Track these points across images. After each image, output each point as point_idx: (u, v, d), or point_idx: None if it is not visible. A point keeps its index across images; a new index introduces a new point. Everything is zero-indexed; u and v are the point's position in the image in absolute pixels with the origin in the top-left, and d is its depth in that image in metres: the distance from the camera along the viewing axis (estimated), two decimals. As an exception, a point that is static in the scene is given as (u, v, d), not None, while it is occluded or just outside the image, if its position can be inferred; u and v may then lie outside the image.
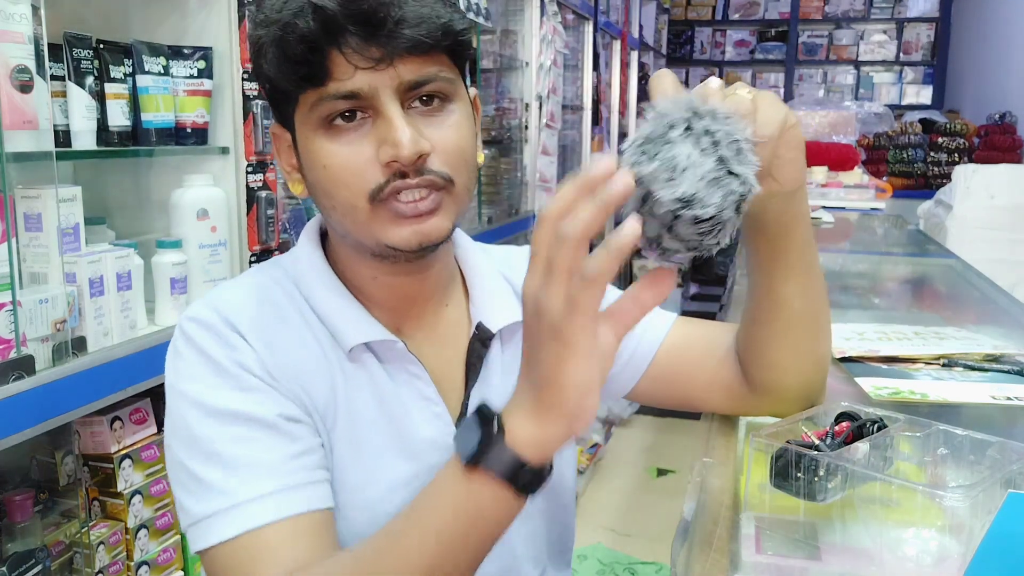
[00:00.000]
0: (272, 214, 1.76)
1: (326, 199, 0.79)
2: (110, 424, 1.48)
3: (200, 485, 0.75)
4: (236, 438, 0.75)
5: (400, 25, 0.73)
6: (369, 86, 0.74)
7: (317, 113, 0.76)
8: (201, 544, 0.75)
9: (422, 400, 0.85)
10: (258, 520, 0.73)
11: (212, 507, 0.74)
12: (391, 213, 0.77)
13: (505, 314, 0.91)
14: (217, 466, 0.75)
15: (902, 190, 4.32)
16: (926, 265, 2.35)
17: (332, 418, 0.82)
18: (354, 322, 0.84)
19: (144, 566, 1.53)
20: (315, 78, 0.74)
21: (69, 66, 1.42)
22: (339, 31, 0.73)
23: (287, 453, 0.76)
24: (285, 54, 0.74)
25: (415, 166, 0.76)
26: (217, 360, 0.78)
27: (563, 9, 3.93)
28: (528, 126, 3.59)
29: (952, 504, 0.66)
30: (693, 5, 7.62)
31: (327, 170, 0.77)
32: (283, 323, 0.83)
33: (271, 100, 0.82)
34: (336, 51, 0.74)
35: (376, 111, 0.76)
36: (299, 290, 0.86)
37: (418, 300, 0.88)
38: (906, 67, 7.08)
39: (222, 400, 0.76)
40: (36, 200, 1.28)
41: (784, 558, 0.72)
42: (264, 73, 0.79)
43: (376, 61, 0.74)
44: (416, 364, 0.85)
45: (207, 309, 0.81)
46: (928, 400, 1.07)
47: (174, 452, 0.78)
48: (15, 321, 1.20)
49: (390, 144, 0.75)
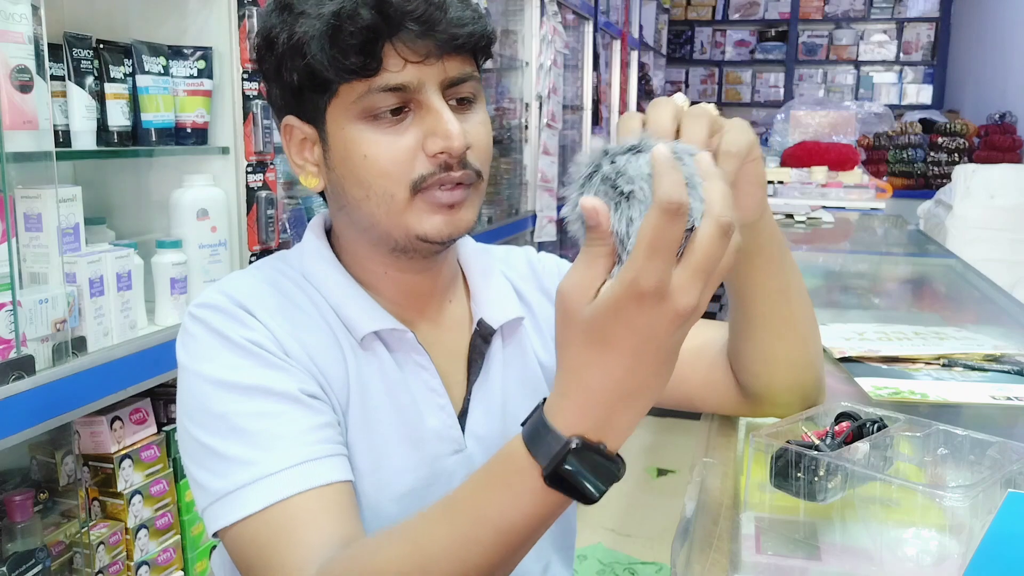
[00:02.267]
0: (272, 214, 1.76)
1: (359, 189, 0.80)
2: (110, 424, 1.48)
3: (222, 461, 0.74)
4: (258, 412, 0.75)
5: (451, 24, 0.77)
6: (418, 80, 0.77)
7: (361, 104, 0.78)
8: (224, 521, 0.73)
9: (428, 391, 0.87)
10: (287, 491, 0.72)
11: (237, 481, 0.73)
12: (428, 203, 0.80)
13: (506, 311, 0.93)
14: (240, 440, 0.74)
15: (902, 190, 4.33)
16: (926, 265, 2.35)
17: (345, 401, 0.82)
18: (367, 311, 0.85)
19: (144, 566, 1.53)
20: (368, 69, 0.76)
21: (69, 66, 1.42)
22: (399, 25, 0.75)
23: (311, 424, 0.76)
24: (339, 45, 0.75)
25: (460, 158, 0.79)
26: (233, 339, 0.78)
27: (563, 9, 3.93)
28: (528, 126, 3.59)
29: (952, 504, 0.66)
30: (693, 5, 7.62)
31: (368, 159, 0.79)
32: (295, 308, 0.84)
33: (296, 93, 0.81)
34: (390, 44, 0.76)
35: (420, 104, 0.78)
36: (309, 281, 0.87)
37: (424, 296, 0.90)
38: (906, 67, 7.08)
39: (242, 376, 0.76)
40: (36, 200, 1.28)
41: (784, 558, 0.72)
42: (297, 66, 0.79)
43: (425, 56, 0.77)
44: (423, 355, 0.87)
45: (217, 294, 0.82)
46: (928, 400, 1.07)
47: (191, 433, 0.77)
48: (15, 321, 1.20)
49: (440, 136, 0.78)
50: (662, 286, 0.55)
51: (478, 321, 0.91)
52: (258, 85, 1.71)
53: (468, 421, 0.89)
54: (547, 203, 3.73)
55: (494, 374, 0.91)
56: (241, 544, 0.73)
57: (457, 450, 0.87)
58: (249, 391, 0.76)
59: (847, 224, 3.15)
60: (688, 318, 0.56)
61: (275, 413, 0.75)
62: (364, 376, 0.84)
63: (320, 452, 0.75)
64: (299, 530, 0.71)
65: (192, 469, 0.78)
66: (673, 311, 0.56)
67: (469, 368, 0.90)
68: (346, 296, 0.85)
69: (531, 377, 0.95)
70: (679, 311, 0.56)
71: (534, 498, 0.61)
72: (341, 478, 0.75)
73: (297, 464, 0.73)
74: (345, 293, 0.86)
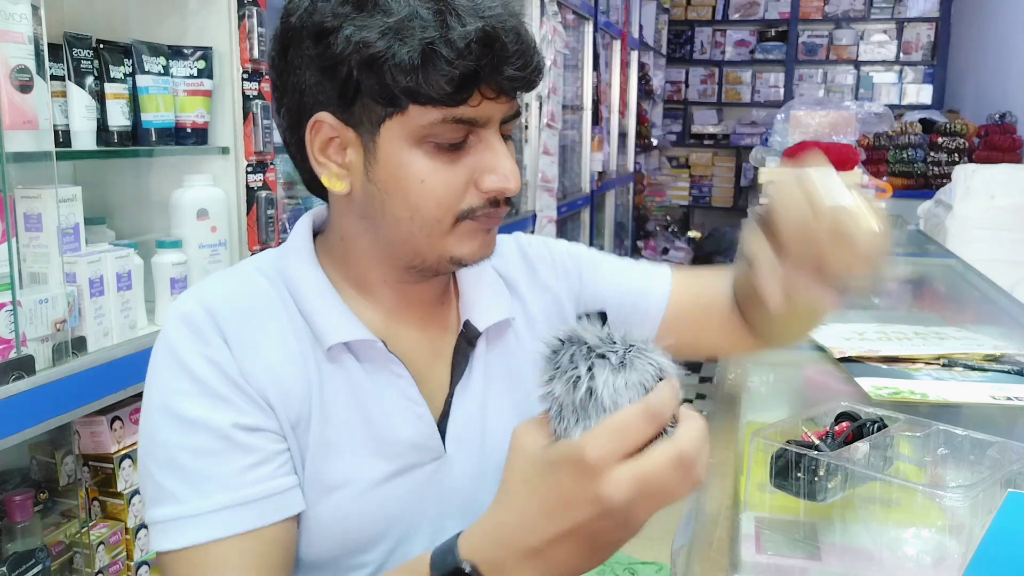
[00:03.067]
0: (272, 214, 1.76)
1: (405, 210, 0.79)
2: (110, 424, 1.48)
3: (158, 489, 0.77)
4: (194, 448, 0.76)
5: (535, 70, 0.78)
6: (487, 116, 0.78)
7: (429, 130, 0.76)
8: (156, 546, 0.77)
9: (404, 400, 0.85)
10: (206, 535, 0.74)
11: (166, 514, 0.76)
12: (470, 231, 0.81)
13: (493, 313, 0.92)
14: (173, 474, 0.76)
15: (902, 190, 4.32)
16: (926, 265, 2.35)
17: (307, 417, 0.82)
18: (336, 321, 0.83)
19: (144, 566, 1.53)
20: (454, 100, 0.74)
21: (69, 66, 1.42)
22: (501, 64, 0.74)
23: (240, 466, 0.77)
24: (435, 68, 0.72)
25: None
26: (188, 364, 0.78)
27: (563, 9, 3.93)
28: (528, 126, 3.59)
29: (952, 504, 0.66)
30: (693, 5, 7.62)
31: (424, 184, 0.78)
32: (266, 320, 0.83)
33: (351, 96, 0.77)
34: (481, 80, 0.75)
35: (480, 139, 0.79)
36: (286, 285, 0.86)
37: (418, 302, 0.89)
38: (906, 67, 7.08)
39: (186, 405, 0.77)
40: (36, 200, 1.28)
41: (784, 558, 0.72)
42: (365, 74, 0.74)
43: (499, 93, 0.77)
44: (398, 364, 0.85)
45: (194, 303, 0.82)
46: (928, 400, 1.07)
47: (142, 452, 0.80)
48: (15, 321, 1.20)
49: (499, 176, 0.78)
50: (601, 465, 0.59)
51: (464, 323, 0.91)
52: (257, 85, 1.71)
53: (449, 424, 0.87)
54: (547, 203, 3.73)
55: (477, 377, 0.91)
56: (168, 572, 0.77)
57: (435, 457, 0.86)
58: (189, 424, 0.77)
59: (847, 224, 3.14)
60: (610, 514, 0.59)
61: (210, 451, 0.76)
62: (329, 390, 0.83)
63: (248, 496, 0.76)
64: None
65: (140, 484, 0.81)
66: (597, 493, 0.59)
67: (452, 372, 0.89)
68: (319, 304, 0.84)
69: (516, 380, 0.93)
70: (603, 496, 0.59)
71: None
72: (270, 520, 0.76)
73: (222, 508, 0.75)
74: (319, 302, 0.84)
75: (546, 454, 0.62)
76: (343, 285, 0.87)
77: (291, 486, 0.79)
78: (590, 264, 1.04)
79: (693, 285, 1.04)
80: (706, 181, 7.76)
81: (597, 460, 0.58)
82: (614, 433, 0.59)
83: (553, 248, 1.03)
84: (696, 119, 7.75)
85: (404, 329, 0.88)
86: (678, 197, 7.69)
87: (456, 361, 0.90)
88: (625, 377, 0.61)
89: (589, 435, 0.59)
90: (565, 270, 1.02)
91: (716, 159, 7.71)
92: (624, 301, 1.02)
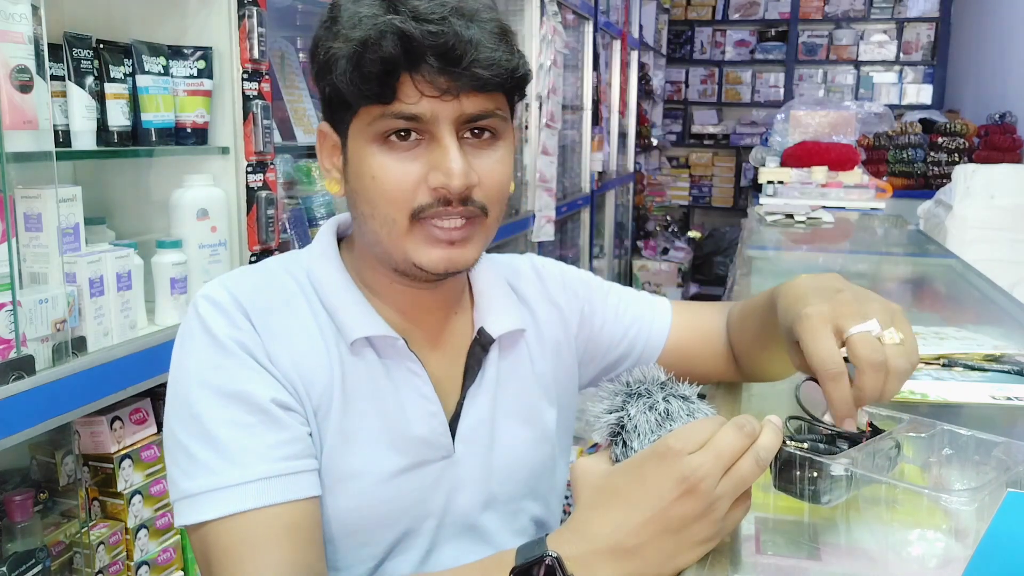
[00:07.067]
0: (272, 214, 1.76)
1: (367, 207, 0.83)
2: (110, 424, 1.47)
3: (192, 462, 0.78)
4: (231, 420, 0.78)
5: (474, 64, 0.77)
6: (432, 113, 0.78)
7: (375, 127, 0.80)
8: (187, 519, 0.77)
9: (419, 398, 0.88)
10: (244, 504, 0.75)
11: (202, 485, 0.76)
12: (426, 235, 0.82)
13: (506, 321, 0.95)
14: (210, 446, 0.77)
15: (902, 190, 4.32)
16: (926, 265, 2.35)
17: (327, 407, 0.84)
18: (359, 317, 0.86)
19: (144, 566, 1.53)
20: (383, 97, 0.78)
21: (69, 66, 1.42)
22: (418, 59, 0.76)
23: (278, 439, 0.79)
24: (359, 70, 0.77)
25: (460, 196, 0.80)
26: (220, 339, 0.80)
27: (563, 9, 3.93)
28: (528, 126, 3.59)
29: (958, 507, 0.66)
30: (693, 5, 7.62)
31: (375, 181, 0.81)
32: (291, 311, 0.86)
33: (329, 103, 0.84)
34: (408, 76, 0.77)
35: (432, 136, 0.80)
36: (311, 282, 0.89)
37: (427, 309, 0.92)
38: (906, 67, 7.08)
39: (222, 378, 0.79)
40: (36, 200, 1.28)
41: (784, 558, 0.72)
42: (329, 81, 0.81)
43: (443, 91, 0.78)
44: (415, 362, 0.88)
45: (221, 289, 0.84)
46: (928, 400, 1.07)
47: (171, 426, 0.81)
48: (15, 321, 1.19)
49: (443, 172, 0.79)
50: (683, 448, 0.65)
51: (479, 330, 0.94)
52: (257, 85, 1.71)
53: (459, 426, 0.90)
54: (546, 203, 3.72)
55: (488, 382, 0.93)
56: (202, 544, 0.77)
57: (445, 456, 0.89)
58: (226, 397, 0.78)
59: (847, 224, 3.15)
60: (693, 493, 0.64)
61: (246, 424, 0.78)
62: (350, 382, 0.85)
63: (282, 469, 0.78)
64: (252, 552, 0.74)
65: (167, 460, 0.82)
66: (681, 472, 0.64)
67: (465, 375, 0.92)
68: (343, 300, 0.87)
69: (526, 388, 0.97)
70: (686, 474, 0.64)
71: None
72: (298, 496, 0.78)
73: (257, 480, 0.76)
74: (343, 297, 0.87)
75: (624, 465, 0.68)
76: (362, 286, 0.90)
77: (316, 468, 0.82)
78: (600, 293, 1.07)
79: (691, 319, 1.08)
80: (706, 181, 7.77)
81: (679, 445, 0.65)
82: (693, 429, 0.66)
83: (566, 271, 1.08)
84: (696, 119, 7.75)
85: (420, 331, 0.91)
86: (678, 197, 7.70)
87: (469, 365, 0.92)
88: (691, 406, 0.73)
89: (670, 433, 0.66)
90: (575, 293, 1.05)
91: (716, 159, 7.72)
92: (629, 331, 1.05)
